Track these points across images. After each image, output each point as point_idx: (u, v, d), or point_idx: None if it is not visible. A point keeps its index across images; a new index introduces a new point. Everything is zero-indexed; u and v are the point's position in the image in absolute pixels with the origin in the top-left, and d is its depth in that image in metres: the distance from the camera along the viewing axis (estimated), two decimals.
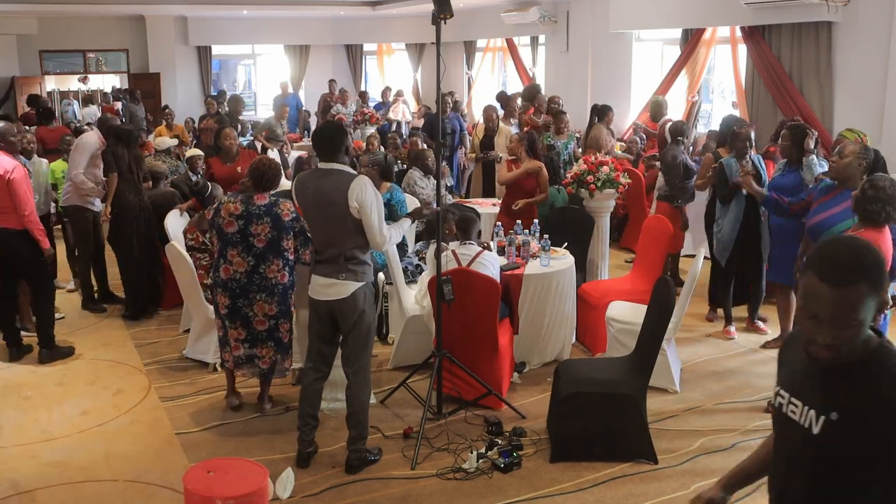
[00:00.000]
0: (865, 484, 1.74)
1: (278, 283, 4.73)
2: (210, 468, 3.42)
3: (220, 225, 4.73)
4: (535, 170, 6.80)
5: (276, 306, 4.76)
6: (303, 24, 17.54)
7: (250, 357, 4.86)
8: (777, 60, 8.99)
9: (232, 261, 4.72)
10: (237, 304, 4.76)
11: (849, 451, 1.75)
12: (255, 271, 4.71)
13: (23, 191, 5.62)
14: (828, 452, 1.78)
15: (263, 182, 4.73)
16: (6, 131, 5.90)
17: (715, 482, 2.25)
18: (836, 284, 1.69)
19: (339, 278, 4.14)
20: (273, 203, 4.71)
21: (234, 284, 4.74)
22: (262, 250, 4.69)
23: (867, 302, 1.70)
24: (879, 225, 4.05)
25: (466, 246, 5.19)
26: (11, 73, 15.40)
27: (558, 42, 12.96)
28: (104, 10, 15.30)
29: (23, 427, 4.94)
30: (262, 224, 4.67)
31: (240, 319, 4.78)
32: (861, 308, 1.70)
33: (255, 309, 4.76)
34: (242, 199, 4.73)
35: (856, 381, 1.75)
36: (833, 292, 1.69)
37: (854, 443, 1.74)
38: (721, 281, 6.36)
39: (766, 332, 6.31)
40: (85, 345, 6.27)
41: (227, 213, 4.70)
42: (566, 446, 4.45)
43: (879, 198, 4.00)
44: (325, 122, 4.86)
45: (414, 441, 4.53)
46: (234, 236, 4.70)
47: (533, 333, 5.58)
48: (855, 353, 1.76)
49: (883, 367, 1.73)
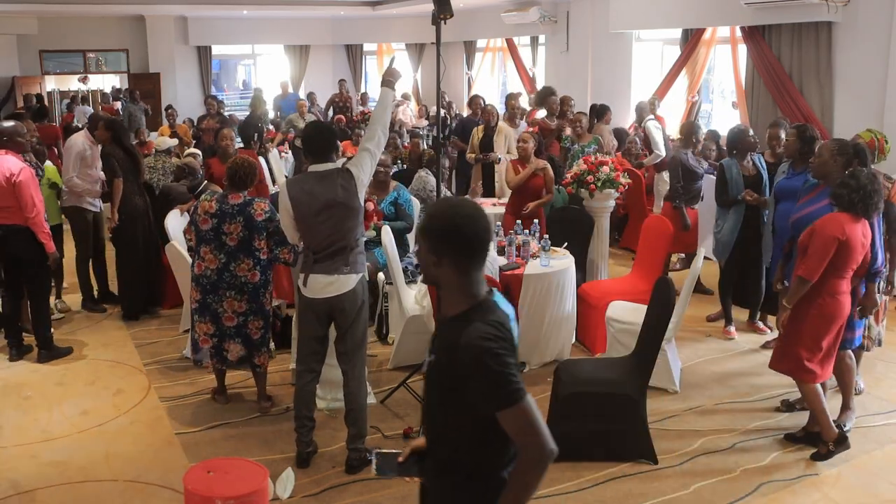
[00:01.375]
0: (451, 405, 2.20)
1: (248, 282, 4.82)
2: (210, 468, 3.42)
3: (197, 222, 4.84)
4: (541, 168, 6.79)
5: (245, 304, 4.84)
6: (303, 24, 17.55)
7: (218, 350, 4.94)
8: (777, 60, 9.00)
9: (204, 257, 4.82)
10: (207, 299, 4.86)
11: (438, 382, 2.25)
12: (226, 269, 4.80)
13: (28, 193, 5.61)
14: (429, 383, 2.34)
15: (237, 181, 4.79)
16: (14, 131, 5.85)
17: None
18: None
19: (343, 273, 4.14)
20: (247, 203, 4.76)
21: (204, 280, 4.84)
22: (234, 249, 4.76)
23: (428, 255, 2.19)
24: (857, 215, 4.18)
25: None
26: (11, 73, 15.40)
27: (558, 42, 12.96)
28: (104, 10, 15.30)
29: (23, 427, 4.94)
30: (234, 223, 4.73)
31: (209, 314, 4.88)
32: (423, 259, 2.23)
33: (225, 305, 4.84)
34: (217, 198, 4.81)
35: (447, 332, 2.19)
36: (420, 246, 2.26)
37: (439, 377, 2.24)
38: (721, 281, 6.36)
39: (766, 332, 6.31)
40: (85, 345, 6.27)
41: (203, 210, 4.80)
42: (566, 446, 4.39)
43: (858, 189, 4.13)
44: (313, 122, 4.91)
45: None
46: (207, 233, 4.79)
47: (533, 333, 5.57)
48: (457, 309, 2.19)
49: (467, 322, 2.12)
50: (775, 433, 4.74)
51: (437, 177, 4.86)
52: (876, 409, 5.06)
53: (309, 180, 4.16)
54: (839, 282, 4.22)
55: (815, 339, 4.29)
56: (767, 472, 4.32)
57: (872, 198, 4.15)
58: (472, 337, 2.08)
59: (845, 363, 4.68)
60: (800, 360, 4.32)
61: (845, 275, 4.22)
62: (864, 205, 4.14)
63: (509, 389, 2.06)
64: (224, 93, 19.27)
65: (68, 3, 13.81)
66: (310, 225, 4.14)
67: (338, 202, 4.08)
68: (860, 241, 4.17)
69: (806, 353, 4.31)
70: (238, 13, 16.33)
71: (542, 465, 2.09)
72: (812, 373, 4.33)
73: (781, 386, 5.30)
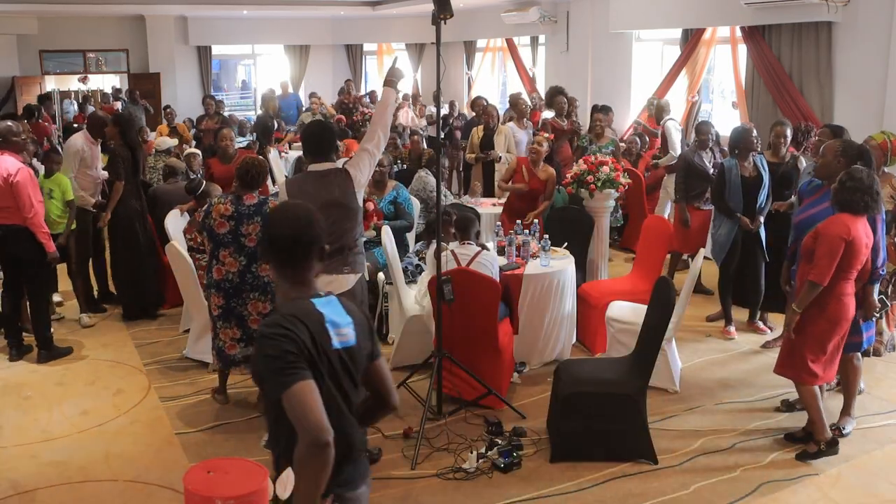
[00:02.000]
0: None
1: (271, 281, 4.74)
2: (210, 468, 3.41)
3: (212, 226, 4.75)
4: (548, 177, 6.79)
5: (269, 304, 4.79)
6: (303, 24, 17.53)
7: (246, 357, 4.86)
8: (777, 60, 8.99)
9: (224, 261, 4.74)
10: (231, 304, 4.78)
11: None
12: (248, 270, 4.74)
13: (26, 193, 5.61)
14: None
15: (249, 180, 4.76)
16: (9, 131, 5.85)
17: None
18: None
19: (342, 273, 4.14)
20: (262, 202, 4.74)
21: (226, 285, 4.76)
22: (254, 249, 4.71)
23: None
24: (858, 213, 4.17)
25: (465, 246, 5.19)
26: (11, 73, 15.39)
27: (558, 42, 12.95)
28: (104, 10, 15.29)
29: (23, 427, 4.94)
30: (252, 223, 4.69)
31: (234, 319, 4.81)
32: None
33: (249, 308, 4.79)
34: (232, 200, 4.75)
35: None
36: None
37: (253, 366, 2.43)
38: (720, 281, 6.35)
39: (766, 332, 6.31)
40: (85, 345, 6.27)
41: (219, 214, 4.72)
42: (566, 446, 4.45)
43: (858, 188, 4.12)
44: (313, 121, 4.88)
45: (414, 441, 4.53)
46: (225, 237, 4.72)
47: (533, 333, 5.57)
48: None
49: (271, 315, 2.34)
50: (775, 433, 4.74)
51: (437, 177, 4.86)
52: (876, 409, 5.06)
53: (308, 180, 4.18)
54: (844, 284, 4.21)
55: (820, 343, 4.27)
56: (767, 472, 4.32)
57: (870, 193, 4.14)
58: (260, 327, 2.27)
59: (853, 366, 4.66)
60: (804, 364, 4.31)
61: (850, 276, 4.21)
62: (863, 202, 4.13)
63: (282, 375, 2.15)
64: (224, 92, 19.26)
65: (68, 3, 13.79)
66: None
67: (336, 202, 4.08)
68: (864, 240, 4.16)
69: (811, 356, 4.29)
70: (238, 13, 16.32)
71: (312, 452, 2.14)
72: (815, 375, 4.31)
73: (781, 386, 5.30)
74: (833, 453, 4.41)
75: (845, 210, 4.19)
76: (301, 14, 16.77)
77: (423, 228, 6.92)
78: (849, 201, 4.16)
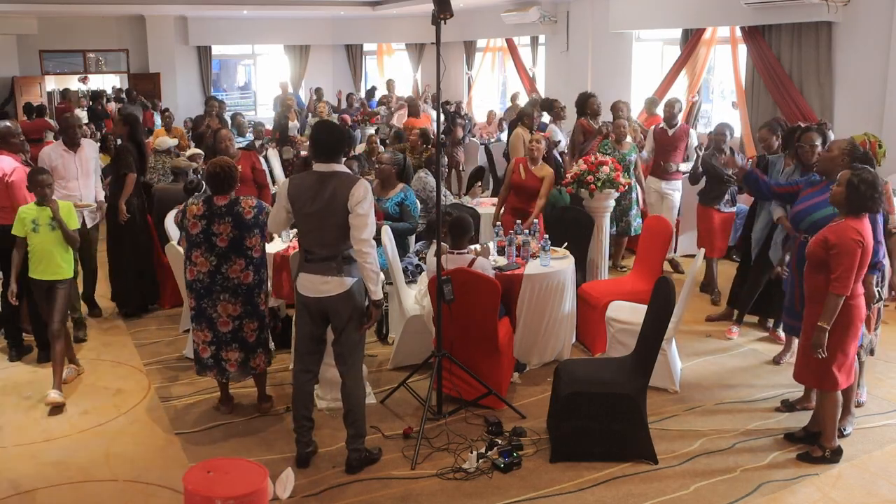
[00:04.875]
0: None
1: (241, 283, 4.70)
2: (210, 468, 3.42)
3: (186, 227, 4.72)
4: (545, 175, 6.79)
5: (240, 306, 4.73)
6: (303, 24, 17.55)
7: (217, 360, 4.83)
8: (777, 60, 9.00)
9: (196, 262, 4.70)
10: (202, 304, 4.75)
11: None
12: (218, 271, 4.68)
13: (22, 194, 5.60)
14: None
15: (218, 184, 4.67)
16: (7, 132, 5.83)
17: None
18: None
19: (337, 275, 4.13)
20: (234, 202, 4.67)
21: (198, 285, 4.73)
22: (225, 250, 4.66)
23: None
24: (873, 213, 4.17)
25: (458, 257, 5.11)
26: (11, 73, 15.41)
27: (558, 42, 12.97)
28: (104, 10, 15.31)
29: (23, 427, 4.94)
30: (224, 223, 4.63)
31: (205, 321, 4.77)
32: None
33: (219, 310, 4.73)
34: (204, 200, 4.72)
35: None
36: None
37: None
38: (747, 286, 6.19)
39: (783, 342, 6.03)
40: (85, 345, 6.27)
41: (191, 214, 4.69)
42: (566, 446, 4.45)
43: (872, 189, 4.08)
44: (325, 122, 4.79)
45: (414, 441, 4.53)
46: (197, 237, 4.68)
47: (533, 333, 5.58)
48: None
49: None
50: (775, 433, 4.75)
51: (437, 177, 4.85)
52: (876, 409, 5.06)
53: (309, 179, 4.17)
54: (856, 285, 4.19)
55: (842, 348, 4.23)
56: (767, 472, 4.32)
57: (879, 192, 4.13)
58: None
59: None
60: (828, 371, 4.25)
61: (861, 276, 4.19)
62: (880, 201, 4.14)
63: None
64: (224, 92, 19.27)
65: (68, 3, 13.81)
66: (305, 219, 4.16)
67: (334, 208, 4.05)
68: (871, 239, 4.16)
69: (835, 364, 4.24)
70: (238, 13, 16.34)
71: None
72: (837, 381, 4.27)
73: (781, 386, 5.30)
74: (836, 461, 4.40)
75: (859, 212, 4.12)
76: (301, 14, 16.78)
77: (424, 228, 6.92)
78: (865, 204, 4.10)
